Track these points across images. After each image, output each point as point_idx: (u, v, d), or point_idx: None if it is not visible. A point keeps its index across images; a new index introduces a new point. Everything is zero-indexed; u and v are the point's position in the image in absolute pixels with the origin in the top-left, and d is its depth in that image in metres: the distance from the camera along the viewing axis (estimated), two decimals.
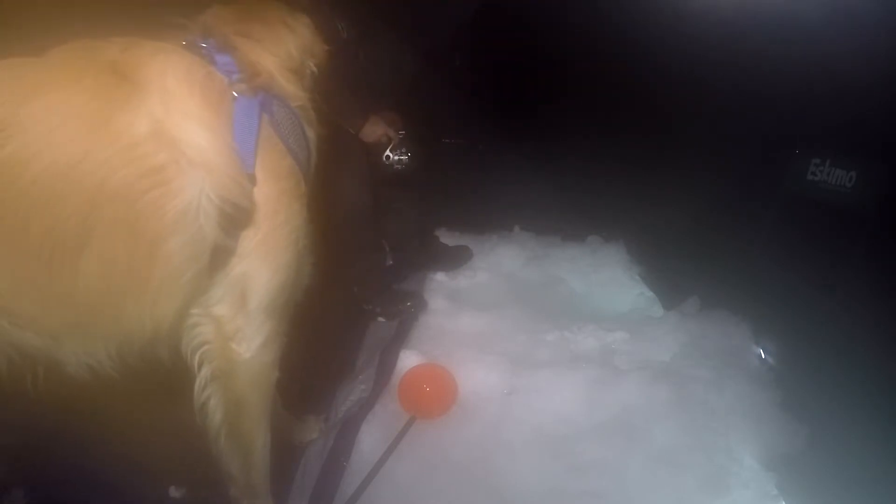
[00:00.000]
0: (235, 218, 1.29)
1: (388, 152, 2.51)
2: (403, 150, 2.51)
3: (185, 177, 1.21)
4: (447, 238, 3.17)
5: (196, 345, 1.36)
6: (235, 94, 1.33)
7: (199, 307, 1.34)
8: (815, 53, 1.92)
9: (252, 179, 1.32)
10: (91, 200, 1.14)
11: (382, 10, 2.59)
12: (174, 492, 1.63)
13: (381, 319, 2.59)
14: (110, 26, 1.29)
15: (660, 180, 2.70)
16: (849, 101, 1.89)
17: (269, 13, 1.54)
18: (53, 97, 1.15)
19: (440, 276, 2.91)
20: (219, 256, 1.29)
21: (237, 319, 1.35)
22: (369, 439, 1.86)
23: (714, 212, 2.54)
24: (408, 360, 2.15)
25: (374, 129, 2.46)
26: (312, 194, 1.51)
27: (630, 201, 2.89)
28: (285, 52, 1.49)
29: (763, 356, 2.19)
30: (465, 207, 3.26)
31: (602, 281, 2.92)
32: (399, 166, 2.52)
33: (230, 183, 1.26)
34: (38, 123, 1.13)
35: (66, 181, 1.13)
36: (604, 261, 3.02)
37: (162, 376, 1.41)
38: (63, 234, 1.14)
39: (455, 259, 3.03)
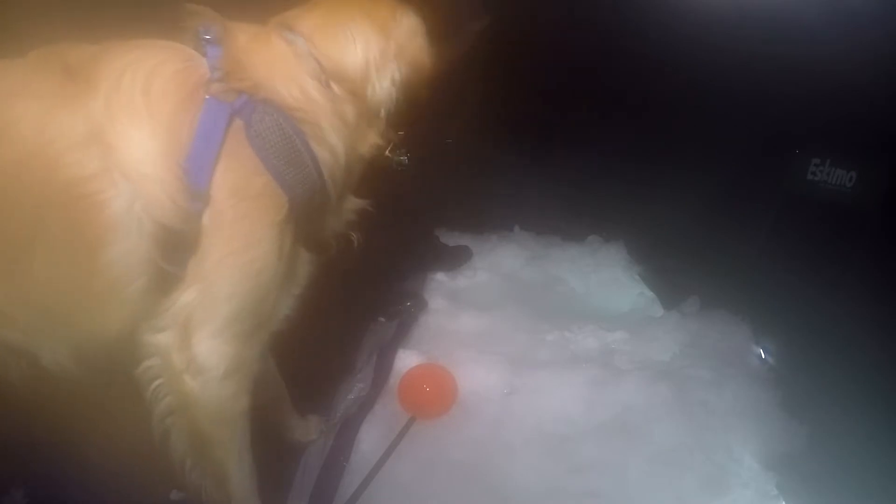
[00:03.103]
0: (175, 241, 1.16)
1: (387, 152, 2.50)
2: (403, 151, 2.50)
3: (115, 190, 1.11)
4: (447, 238, 3.16)
5: (148, 378, 1.25)
6: (207, 97, 1.18)
7: (148, 335, 1.23)
8: (816, 53, 1.92)
9: (201, 198, 1.16)
10: (34, 204, 1.11)
11: None
12: (175, 495, 1.62)
13: (381, 319, 2.58)
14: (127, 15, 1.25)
15: (660, 180, 2.70)
16: (849, 101, 1.89)
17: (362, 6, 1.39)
18: (2, 102, 1.12)
19: (440, 276, 2.91)
20: (162, 280, 1.18)
21: (186, 351, 1.22)
22: (369, 439, 1.86)
23: (714, 212, 2.54)
24: (408, 360, 2.15)
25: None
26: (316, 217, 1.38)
27: (630, 201, 2.89)
28: (350, 53, 1.33)
29: (763, 356, 2.19)
30: (465, 207, 3.26)
31: (602, 281, 2.91)
32: (399, 167, 2.51)
33: (165, 202, 1.13)
34: None
35: (12, 183, 1.10)
36: (604, 261, 3.02)
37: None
38: (13, 235, 1.12)
39: (455, 259, 3.02)
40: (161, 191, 1.13)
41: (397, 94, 1.43)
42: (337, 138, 1.33)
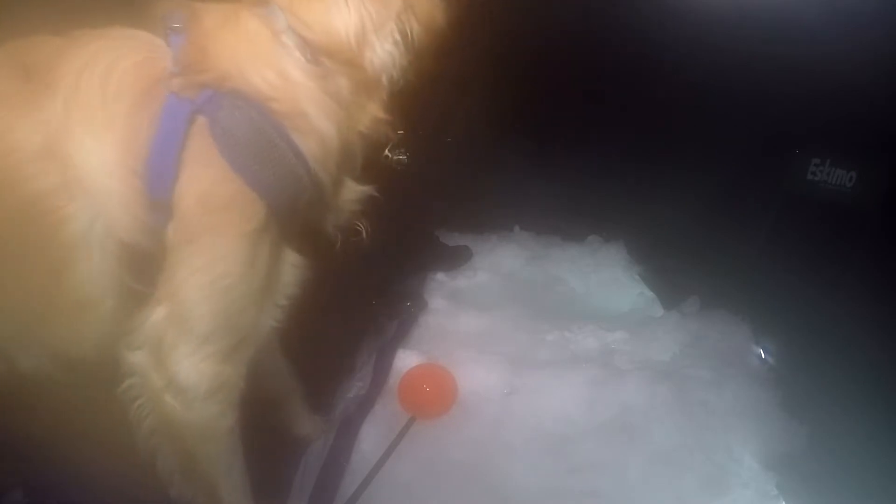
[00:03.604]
0: (140, 258, 1.07)
1: (386, 152, 2.49)
2: (402, 150, 2.49)
3: (75, 204, 1.02)
4: (447, 238, 3.16)
5: (130, 397, 1.19)
6: (167, 94, 1.06)
7: (126, 353, 1.16)
8: (816, 53, 1.92)
9: (163, 209, 1.05)
10: (2, 215, 1.03)
11: None
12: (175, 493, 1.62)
13: (381, 319, 2.58)
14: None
15: (660, 180, 2.70)
16: (849, 101, 1.89)
17: None
18: None
19: (440, 276, 2.90)
20: (132, 298, 1.10)
21: (164, 371, 1.14)
22: (369, 439, 1.86)
23: (714, 212, 2.54)
24: (408, 360, 2.15)
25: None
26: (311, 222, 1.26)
27: (630, 201, 2.89)
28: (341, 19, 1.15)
29: (763, 356, 2.19)
30: (465, 207, 3.26)
31: (602, 281, 2.91)
32: (398, 166, 2.51)
33: (125, 216, 1.03)
34: None
35: None
36: (604, 261, 3.02)
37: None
38: None
39: (455, 259, 3.02)
40: (119, 204, 1.03)
41: (403, 56, 1.27)
42: (328, 122, 1.17)
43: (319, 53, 1.17)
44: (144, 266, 1.08)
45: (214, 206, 1.09)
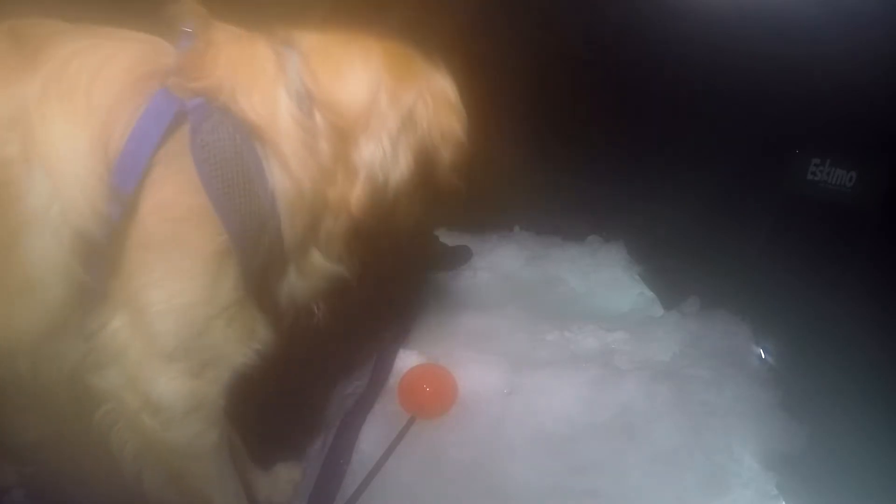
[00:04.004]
0: (93, 251, 1.01)
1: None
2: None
3: (33, 180, 0.98)
4: (447, 238, 3.16)
5: (107, 423, 1.14)
6: (158, 87, 1.04)
7: (93, 376, 1.10)
8: (816, 52, 1.92)
9: (122, 202, 1.01)
10: None
11: None
12: None
13: (380, 319, 2.57)
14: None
15: (660, 180, 2.70)
16: (849, 101, 1.89)
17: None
18: None
19: (440, 276, 2.91)
20: (83, 292, 1.04)
21: (138, 390, 1.09)
22: (369, 439, 1.85)
23: (714, 212, 2.54)
24: (408, 359, 2.15)
25: None
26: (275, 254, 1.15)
27: (630, 201, 2.89)
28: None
29: (763, 356, 2.18)
30: (465, 207, 3.26)
31: (602, 281, 2.91)
32: None
33: (83, 204, 0.99)
34: None
35: None
36: (604, 261, 3.02)
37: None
38: None
39: (455, 259, 3.02)
40: (78, 188, 0.98)
41: (395, 165, 1.22)
42: (303, 173, 1.12)
43: (316, 107, 1.15)
44: (95, 259, 1.03)
45: (175, 215, 1.05)
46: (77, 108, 1.00)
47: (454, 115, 1.29)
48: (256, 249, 1.13)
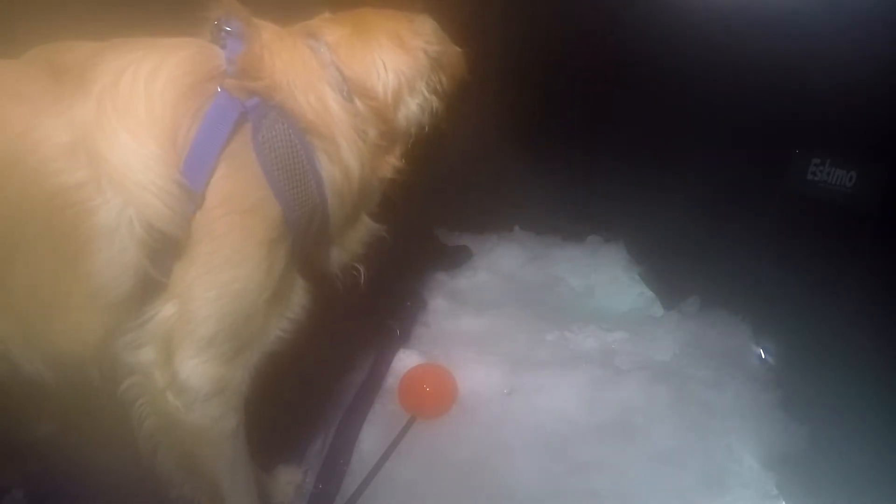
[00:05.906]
0: (165, 247, 1.08)
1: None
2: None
3: (103, 196, 1.02)
4: (447, 238, 3.16)
5: (131, 397, 1.19)
6: (219, 89, 1.10)
7: (127, 353, 1.15)
8: (816, 52, 1.92)
9: (197, 200, 1.08)
10: (15, 213, 1.02)
11: None
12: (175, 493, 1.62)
13: (379, 319, 2.58)
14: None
15: (660, 180, 2.70)
16: (849, 101, 1.89)
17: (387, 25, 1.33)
18: None
19: (440, 276, 2.91)
20: (146, 287, 1.11)
21: (168, 369, 1.14)
22: (369, 439, 1.86)
23: (714, 212, 2.54)
24: (408, 360, 2.15)
25: None
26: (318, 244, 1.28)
27: (630, 201, 2.88)
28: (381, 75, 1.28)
29: (763, 356, 2.18)
30: (466, 207, 3.26)
31: (602, 281, 2.91)
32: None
33: (160, 207, 1.04)
34: None
35: None
36: (604, 261, 3.02)
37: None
38: None
39: (455, 259, 3.02)
40: (156, 195, 1.03)
41: (432, 107, 1.40)
42: (353, 157, 1.26)
43: (354, 93, 1.28)
44: (166, 253, 1.09)
45: (239, 207, 1.13)
46: (139, 118, 1.04)
47: (457, 58, 1.45)
48: (308, 232, 1.26)
